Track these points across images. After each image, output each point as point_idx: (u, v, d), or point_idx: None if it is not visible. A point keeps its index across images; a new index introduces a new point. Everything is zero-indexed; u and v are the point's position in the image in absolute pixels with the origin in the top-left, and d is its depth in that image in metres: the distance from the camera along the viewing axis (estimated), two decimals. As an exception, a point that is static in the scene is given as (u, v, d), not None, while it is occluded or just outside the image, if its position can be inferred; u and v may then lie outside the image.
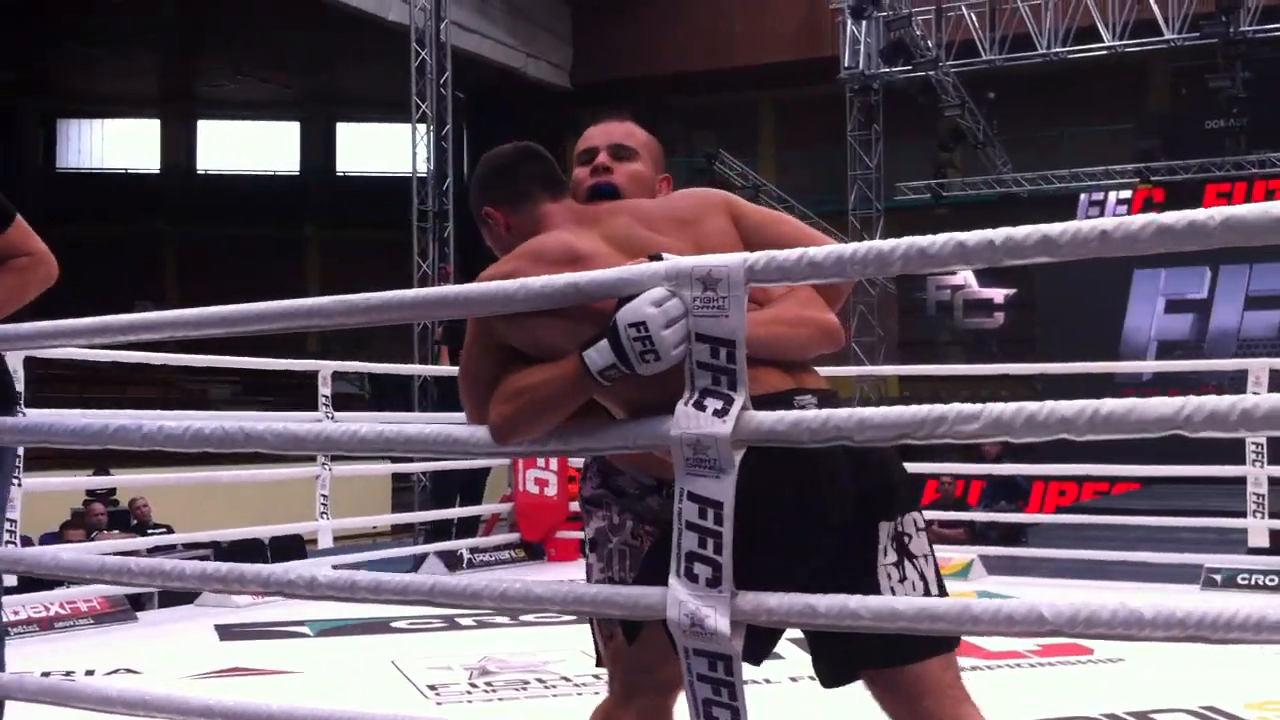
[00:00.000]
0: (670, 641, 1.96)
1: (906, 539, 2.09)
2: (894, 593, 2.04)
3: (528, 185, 2.33)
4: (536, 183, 2.33)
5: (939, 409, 1.74)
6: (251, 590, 2.90)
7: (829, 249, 1.85)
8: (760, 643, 2.06)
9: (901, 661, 2.07)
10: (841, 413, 1.80)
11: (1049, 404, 1.62)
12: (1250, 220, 1.49)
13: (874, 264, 1.79)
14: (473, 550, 7.78)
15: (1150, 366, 13.21)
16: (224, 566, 2.42)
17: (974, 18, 15.79)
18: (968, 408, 1.71)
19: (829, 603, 1.79)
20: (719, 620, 1.86)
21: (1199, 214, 1.51)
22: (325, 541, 6.87)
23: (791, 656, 2.35)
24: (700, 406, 1.85)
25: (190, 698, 2.63)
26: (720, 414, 1.83)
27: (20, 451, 4.59)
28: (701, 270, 1.84)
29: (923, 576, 2.09)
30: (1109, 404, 1.56)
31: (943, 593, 2.13)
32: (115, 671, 4.85)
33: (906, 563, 2.08)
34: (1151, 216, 1.58)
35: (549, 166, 2.39)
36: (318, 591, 2.32)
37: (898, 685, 2.10)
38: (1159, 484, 11.35)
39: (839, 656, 2.12)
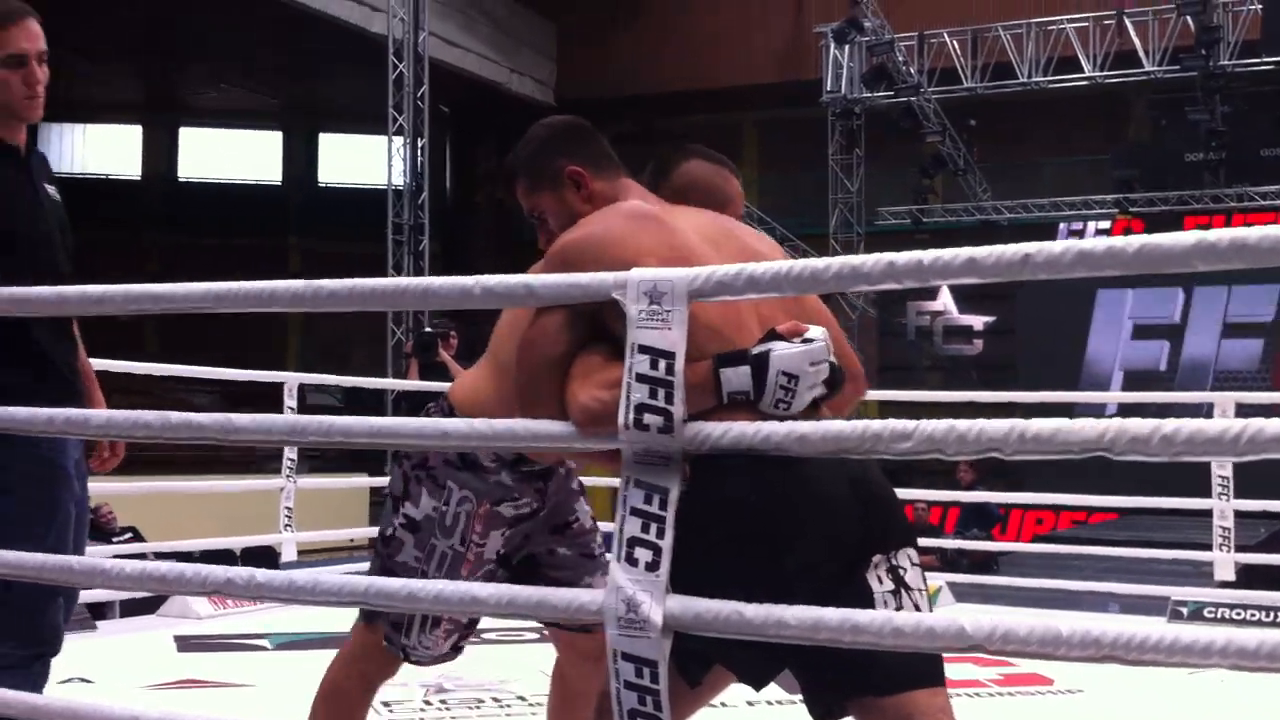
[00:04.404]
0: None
1: (902, 572, 2.03)
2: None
3: (609, 154, 2.31)
4: (611, 155, 2.33)
5: (875, 426, 1.75)
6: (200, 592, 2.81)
7: (767, 265, 1.86)
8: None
9: (884, 692, 2.01)
10: (782, 427, 1.80)
11: (979, 423, 1.64)
12: (1167, 248, 1.50)
13: (808, 281, 1.82)
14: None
15: (1111, 398, 12.45)
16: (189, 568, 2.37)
17: (956, 45, 15.87)
18: (901, 425, 1.73)
19: (756, 611, 1.78)
20: (653, 608, 1.83)
21: (1118, 241, 1.53)
22: (289, 554, 6.81)
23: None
24: (641, 426, 1.86)
25: (139, 710, 2.57)
26: (664, 431, 1.85)
27: None
28: (648, 284, 1.88)
29: (917, 607, 2.00)
30: (1035, 424, 1.58)
31: None
32: (69, 680, 4.78)
33: (903, 593, 2.01)
34: (1074, 242, 1.61)
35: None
36: (255, 592, 2.33)
37: (884, 713, 2.04)
38: (1136, 515, 11.31)
39: (822, 687, 2.04)
